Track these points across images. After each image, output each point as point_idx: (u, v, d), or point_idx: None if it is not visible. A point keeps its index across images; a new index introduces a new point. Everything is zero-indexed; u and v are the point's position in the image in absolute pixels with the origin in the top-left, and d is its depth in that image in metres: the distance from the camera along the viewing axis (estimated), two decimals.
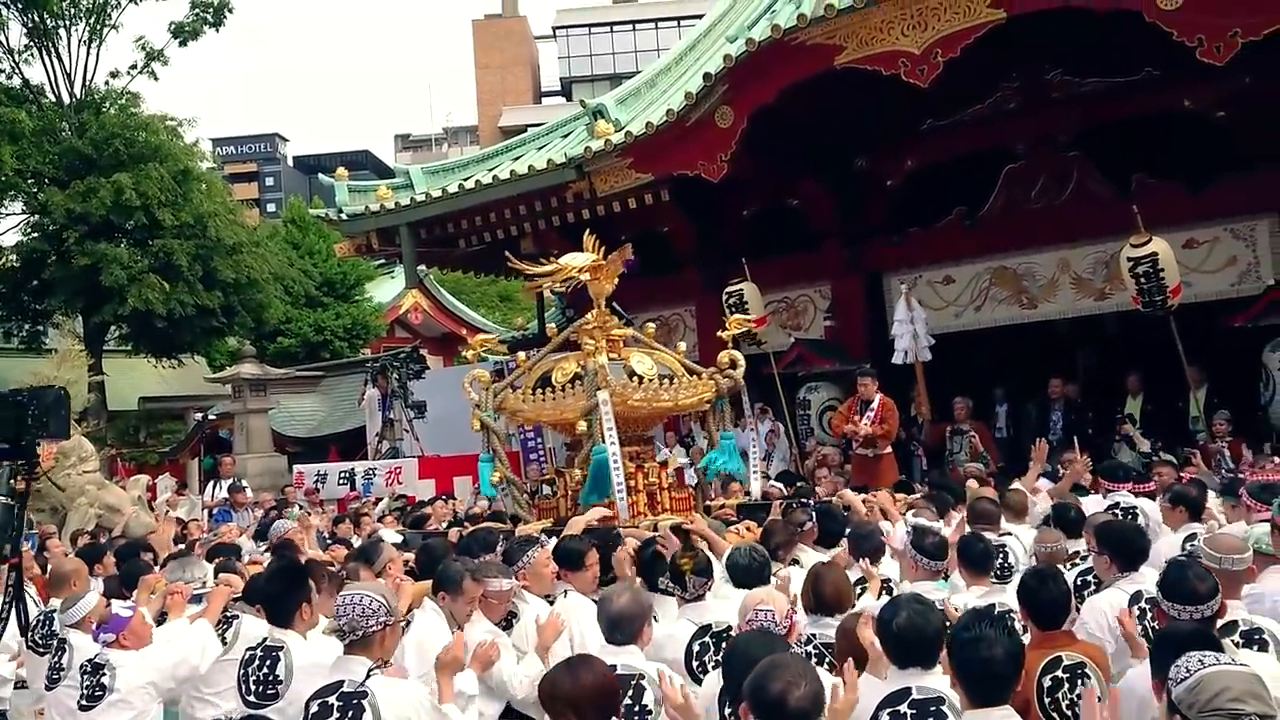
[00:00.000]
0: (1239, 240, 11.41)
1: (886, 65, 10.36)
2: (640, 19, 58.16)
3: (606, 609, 3.99)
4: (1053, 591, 4.02)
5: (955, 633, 3.17)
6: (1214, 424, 10.40)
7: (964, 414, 12.19)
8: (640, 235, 14.70)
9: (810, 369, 13.30)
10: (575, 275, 7.12)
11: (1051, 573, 4.15)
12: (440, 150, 66.04)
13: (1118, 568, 4.72)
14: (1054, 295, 12.61)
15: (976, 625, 3.10)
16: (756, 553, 4.96)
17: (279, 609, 4.56)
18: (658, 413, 7.52)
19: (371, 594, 3.97)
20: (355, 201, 15.67)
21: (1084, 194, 12.24)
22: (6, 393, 2.71)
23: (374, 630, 3.87)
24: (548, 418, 7.45)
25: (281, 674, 4.34)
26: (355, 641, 3.87)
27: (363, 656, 3.85)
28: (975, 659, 3.03)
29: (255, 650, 4.47)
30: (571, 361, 7.19)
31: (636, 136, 12.34)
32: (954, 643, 3.14)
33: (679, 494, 7.28)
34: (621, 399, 6.81)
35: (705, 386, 7.36)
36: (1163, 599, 3.76)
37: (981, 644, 3.03)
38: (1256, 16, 8.68)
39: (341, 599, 3.97)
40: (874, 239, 13.66)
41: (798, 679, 2.70)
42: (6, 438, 2.66)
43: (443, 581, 4.68)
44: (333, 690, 3.74)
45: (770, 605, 3.88)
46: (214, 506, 13.63)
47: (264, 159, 73.73)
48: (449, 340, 32.87)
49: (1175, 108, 11.30)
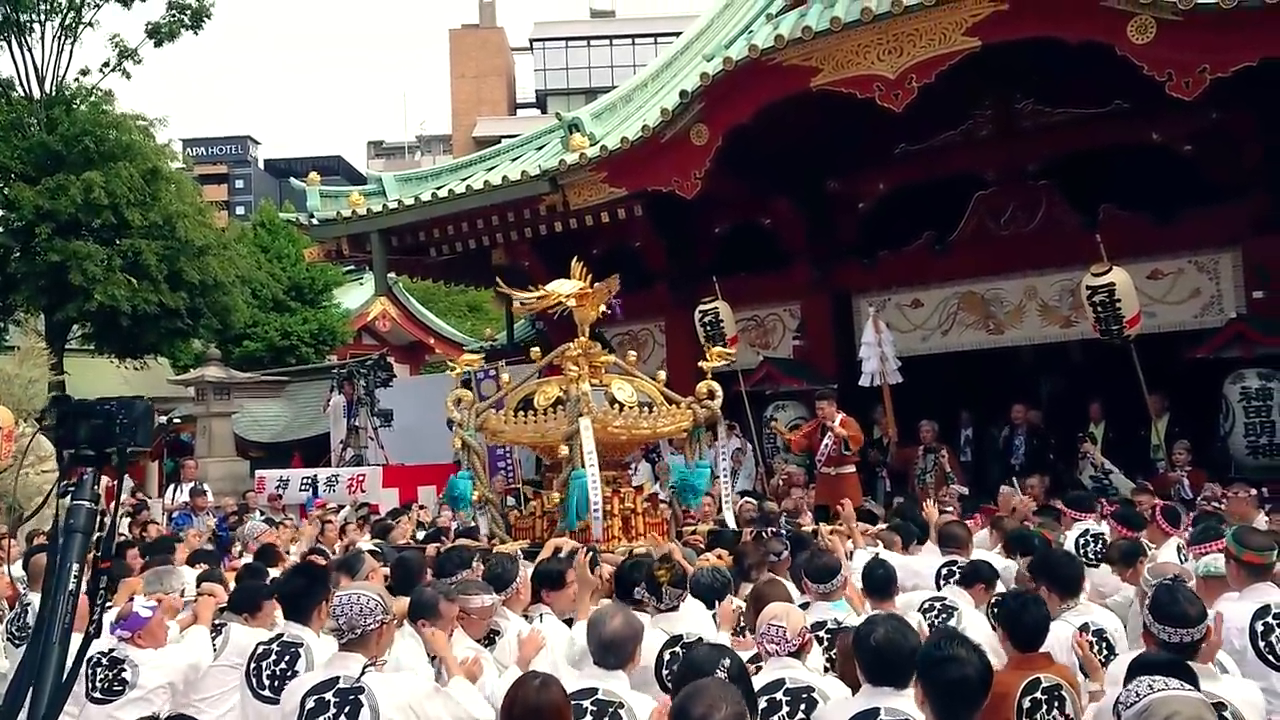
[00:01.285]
0: (1203, 272, 11.57)
1: (861, 89, 10.44)
2: (618, 34, 58.36)
3: (598, 631, 3.94)
4: (1033, 614, 4.06)
5: (925, 652, 3.20)
6: (1174, 453, 10.52)
7: (930, 436, 12.27)
8: (612, 250, 14.78)
9: (778, 387, 13.35)
10: (562, 302, 7.28)
11: (1032, 596, 4.20)
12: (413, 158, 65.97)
13: (1058, 597, 4.77)
14: (1020, 321, 12.74)
15: (947, 645, 3.12)
16: (719, 573, 5.11)
17: (298, 606, 4.66)
18: (637, 440, 7.71)
19: (368, 593, 4.05)
20: (327, 207, 15.58)
21: (1052, 222, 12.39)
22: (94, 401, 2.77)
23: (371, 628, 3.94)
24: (529, 440, 7.56)
25: (301, 670, 4.41)
26: (353, 640, 3.94)
27: (358, 654, 3.92)
28: (945, 679, 3.06)
29: (270, 645, 4.55)
30: (554, 386, 7.36)
31: (611, 151, 12.37)
32: (924, 662, 3.16)
33: (653, 519, 7.41)
34: (602, 425, 7.00)
35: (684, 415, 7.59)
36: (1153, 621, 3.79)
37: (952, 664, 3.06)
38: (1225, 54, 8.83)
39: (339, 599, 4.04)
40: (844, 260, 13.75)
41: (719, 703, 2.74)
42: (94, 446, 2.71)
43: (420, 608, 4.64)
44: (328, 686, 3.80)
45: (783, 621, 3.91)
46: (174, 510, 13.48)
47: (235, 161, 73.31)
48: (417, 349, 32.73)
49: (1144, 140, 11.46)
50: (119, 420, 2.72)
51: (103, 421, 2.72)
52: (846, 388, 12.78)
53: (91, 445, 2.71)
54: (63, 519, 2.61)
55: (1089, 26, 9.28)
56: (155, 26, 21.01)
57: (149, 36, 21.05)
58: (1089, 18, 9.23)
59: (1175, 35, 8.91)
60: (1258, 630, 4.46)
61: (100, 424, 2.73)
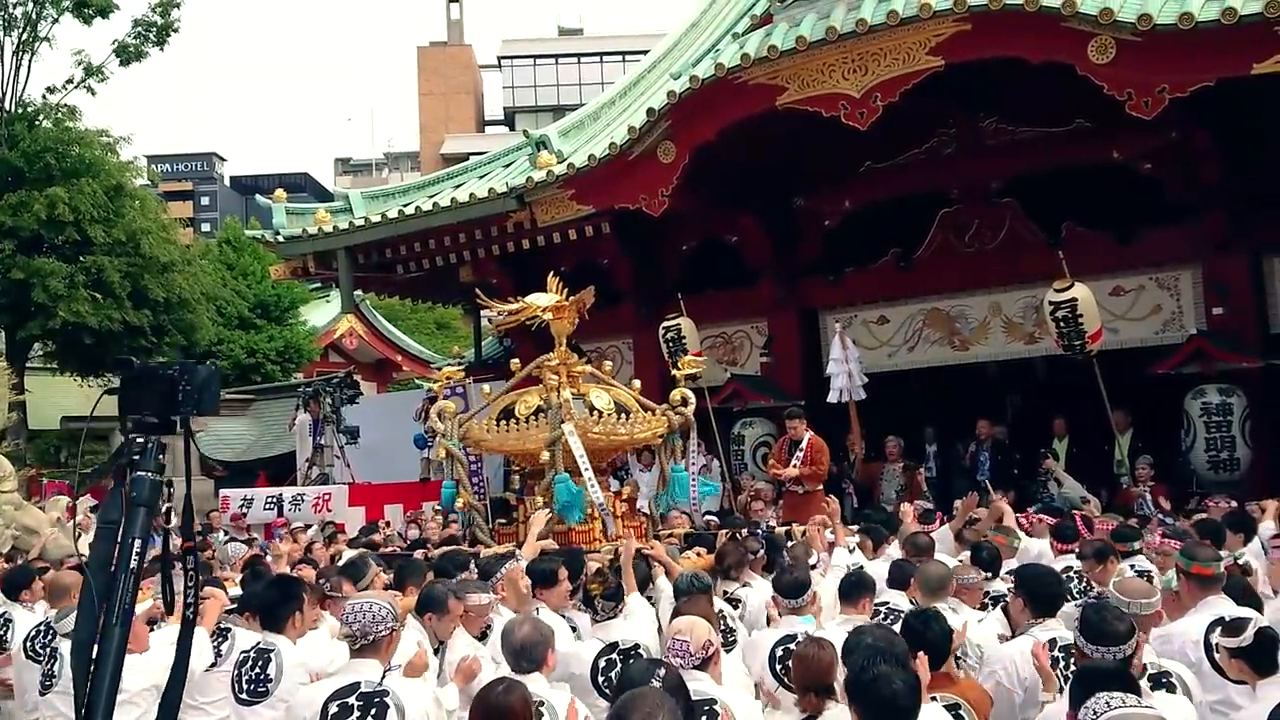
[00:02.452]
0: (1163, 289, 11.70)
1: (827, 107, 10.52)
2: (585, 52, 58.56)
3: (510, 640, 4.16)
4: (935, 632, 4.08)
5: (855, 672, 3.25)
6: (1137, 468, 10.64)
7: (896, 453, 12.36)
8: (580, 267, 14.76)
9: (746, 404, 13.37)
10: (539, 315, 7.56)
11: (934, 613, 4.21)
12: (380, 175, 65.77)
13: (1031, 612, 4.78)
14: (985, 338, 12.83)
15: (874, 663, 3.19)
16: (698, 579, 5.32)
17: (273, 615, 4.93)
18: (615, 445, 7.93)
19: (378, 601, 4.25)
20: (293, 224, 15.50)
21: (1016, 240, 12.50)
22: (156, 366, 2.67)
23: (383, 635, 4.11)
24: (511, 447, 7.80)
25: (272, 674, 4.69)
26: (366, 646, 4.08)
27: (374, 660, 4.06)
28: (877, 697, 3.11)
29: (249, 653, 4.83)
30: (534, 395, 7.54)
31: (578, 168, 12.38)
32: (854, 682, 3.22)
33: (632, 522, 7.69)
34: (582, 431, 7.20)
35: (659, 421, 7.79)
36: (1083, 641, 3.81)
37: (881, 681, 3.11)
38: (1183, 74, 8.96)
39: (351, 607, 4.20)
40: (810, 277, 13.82)
41: (655, 710, 2.77)
42: (157, 412, 2.60)
43: (430, 602, 4.95)
44: (350, 691, 3.91)
45: (687, 636, 3.98)
46: None
47: (200, 178, 72.84)
48: (384, 366, 32.57)
49: (1105, 158, 11.58)
50: (183, 385, 2.65)
51: (166, 387, 2.65)
52: (814, 404, 12.82)
53: (155, 412, 2.63)
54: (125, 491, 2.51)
55: (1050, 47, 9.39)
56: (123, 46, 20.84)
57: (116, 56, 20.87)
58: (1050, 38, 9.34)
59: (1135, 56, 9.03)
60: (1212, 643, 4.48)
61: (164, 390, 2.65)
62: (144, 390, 2.64)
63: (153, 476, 2.57)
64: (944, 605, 5.14)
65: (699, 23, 16.34)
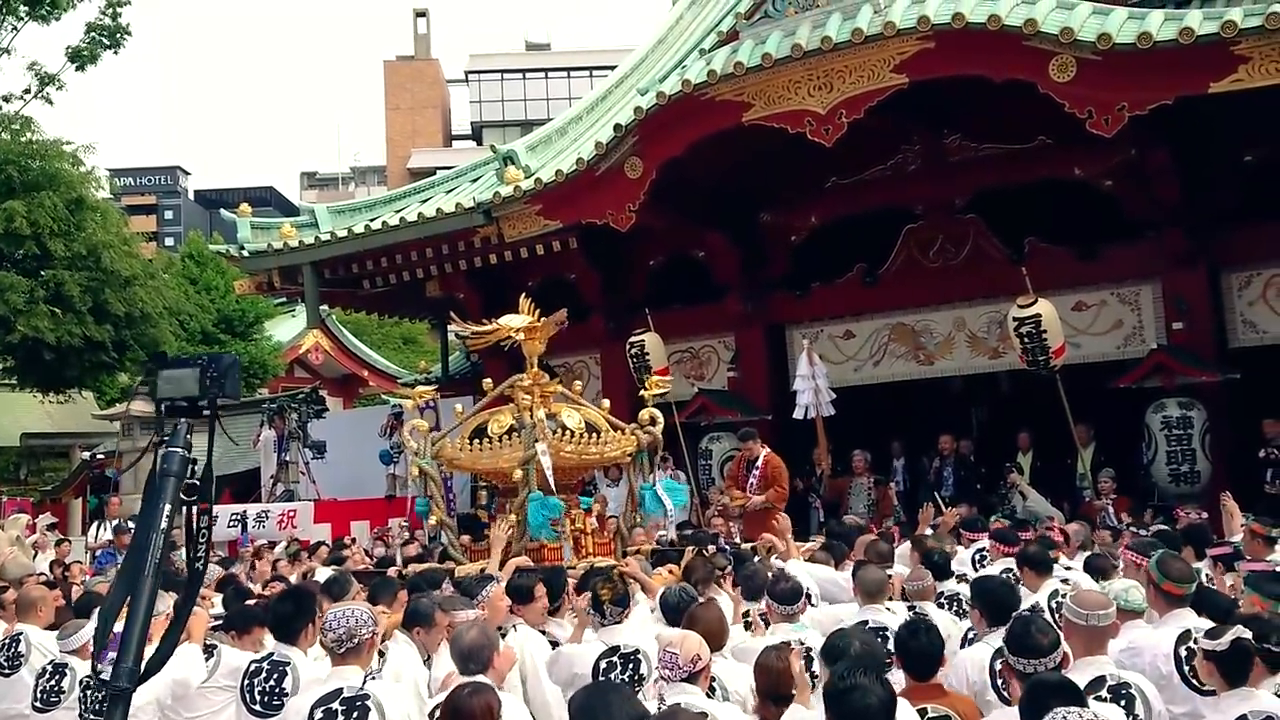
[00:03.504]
0: (1125, 304, 11.85)
1: (792, 123, 10.59)
2: (553, 67, 58.67)
3: (458, 644, 4.25)
4: (923, 643, 4.11)
5: (832, 683, 3.30)
6: (1100, 482, 10.76)
7: (863, 467, 12.42)
8: (547, 282, 14.78)
9: (713, 419, 13.40)
10: (512, 335, 7.74)
11: (925, 624, 4.24)
12: (347, 190, 65.53)
13: (987, 622, 4.88)
14: (950, 352, 12.93)
15: (851, 674, 3.24)
16: (686, 593, 5.40)
17: (288, 628, 4.96)
18: (586, 464, 8.14)
19: (356, 607, 4.41)
20: (258, 239, 15.39)
21: (979, 255, 12.62)
22: (185, 356, 3.12)
23: (366, 637, 4.24)
24: (483, 466, 7.92)
25: (288, 687, 4.72)
26: (350, 650, 4.20)
27: (355, 665, 4.20)
28: (851, 707, 3.16)
29: (261, 663, 4.83)
30: (506, 414, 7.71)
31: (546, 184, 12.39)
32: (830, 692, 3.27)
33: (601, 539, 7.95)
34: (555, 451, 7.39)
35: (628, 440, 8.01)
36: (1009, 654, 3.84)
37: (856, 692, 3.16)
38: (1141, 92, 9.11)
39: (332, 615, 4.30)
40: (777, 292, 13.88)
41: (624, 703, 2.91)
42: (186, 396, 2.97)
43: (416, 616, 5.09)
44: (334, 697, 4.03)
45: (677, 648, 4.04)
46: (98, 549, 13.15)
47: (164, 192, 72.25)
48: (350, 381, 32.41)
49: (1066, 175, 11.73)
50: (210, 373, 2.98)
51: (194, 374, 2.99)
52: (780, 419, 12.88)
53: (185, 397, 2.97)
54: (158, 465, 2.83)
55: (1012, 65, 9.52)
56: (76, 50, 20.56)
57: (70, 60, 20.58)
58: (1012, 57, 9.47)
59: (1095, 74, 9.17)
60: (1181, 655, 4.52)
61: (192, 377, 2.99)
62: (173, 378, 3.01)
63: (182, 452, 2.88)
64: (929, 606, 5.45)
65: (666, 39, 16.43)
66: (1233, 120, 10.28)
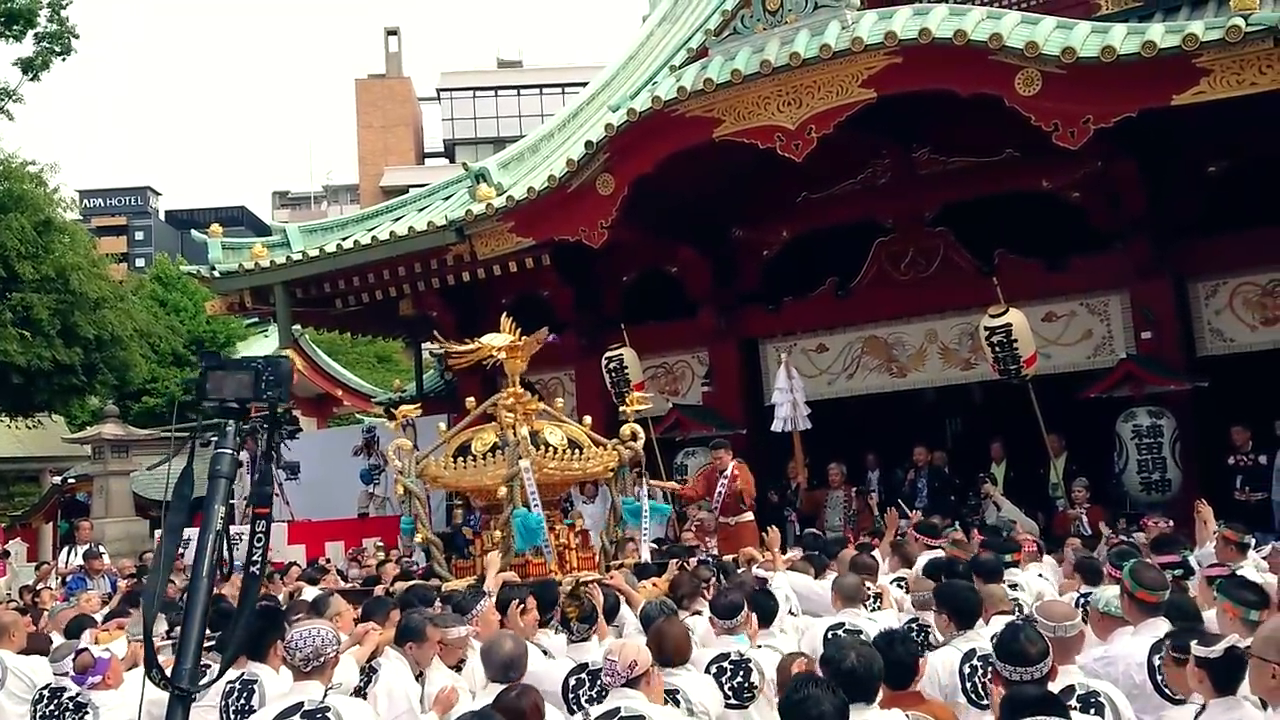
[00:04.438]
0: (1094, 315, 11.95)
1: (763, 139, 10.65)
2: (525, 84, 58.76)
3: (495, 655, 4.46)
4: (899, 653, 4.15)
5: (786, 695, 3.42)
6: (1072, 491, 10.82)
7: (839, 479, 12.43)
8: (520, 299, 14.78)
9: (688, 434, 13.40)
10: (494, 354, 7.94)
11: (901, 635, 4.30)
12: (320, 208, 65.29)
13: (955, 626, 5.04)
14: (922, 364, 13.00)
15: (805, 687, 3.35)
16: (666, 606, 5.63)
17: (257, 645, 5.05)
18: (569, 479, 8.40)
19: (320, 626, 4.53)
20: (229, 259, 15.31)
21: (950, 267, 12.70)
22: (242, 359, 3.15)
23: (330, 655, 4.39)
24: (468, 483, 8.04)
25: (256, 704, 4.81)
26: (315, 668, 4.34)
27: (316, 681, 4.32)
28: (805, 716, 3.25)
29: (234, 683, 4.94)
30: (489, 432, 7.89)
31: (518, 201, 12.39)
32: (785, 703, 3.38)
33: (585, 553, 8.10)
34: (539, 467, 7.57)
35: (610, 456, 8.21)
36: (997, 661, 3.87)
37: (809, 703, 3.26)
38: (1106, 105, 9.20)
39: (296, 634, 4.43)
40: (750, 307, 13.92)
41: None
42: (239, 398, 3.00)
43: (409, 632, 5.17)
44: (295, 710, 4.13)
45: (616, 655, 4.21)
46: (69, 574, 12.98)
47: (135, 212, 71.72)
48: (324, 401, 32.16)
49: (1034, 187, 11.83)
50: (265, 376, 3.00)
51: (249, 377, 3.00)
52: (755, 432, 12.91)
53: (237, 399, 2.97)
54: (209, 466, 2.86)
55: (978, 79, 9.60)
56: (28, 61, 20.30)
57: (23, 71, 20.36)
58: (979, 71, 9.56)
59: (1060, 87, 9.26)
60: (1155, 664, 4.54)
61: (246, 379, 3.00)
62: (226, 379, 3.02)
63: (231, 454, 2.91)
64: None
65: (637, 56, 16.50)
66: (1197, 132, 10.41)
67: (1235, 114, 9.20)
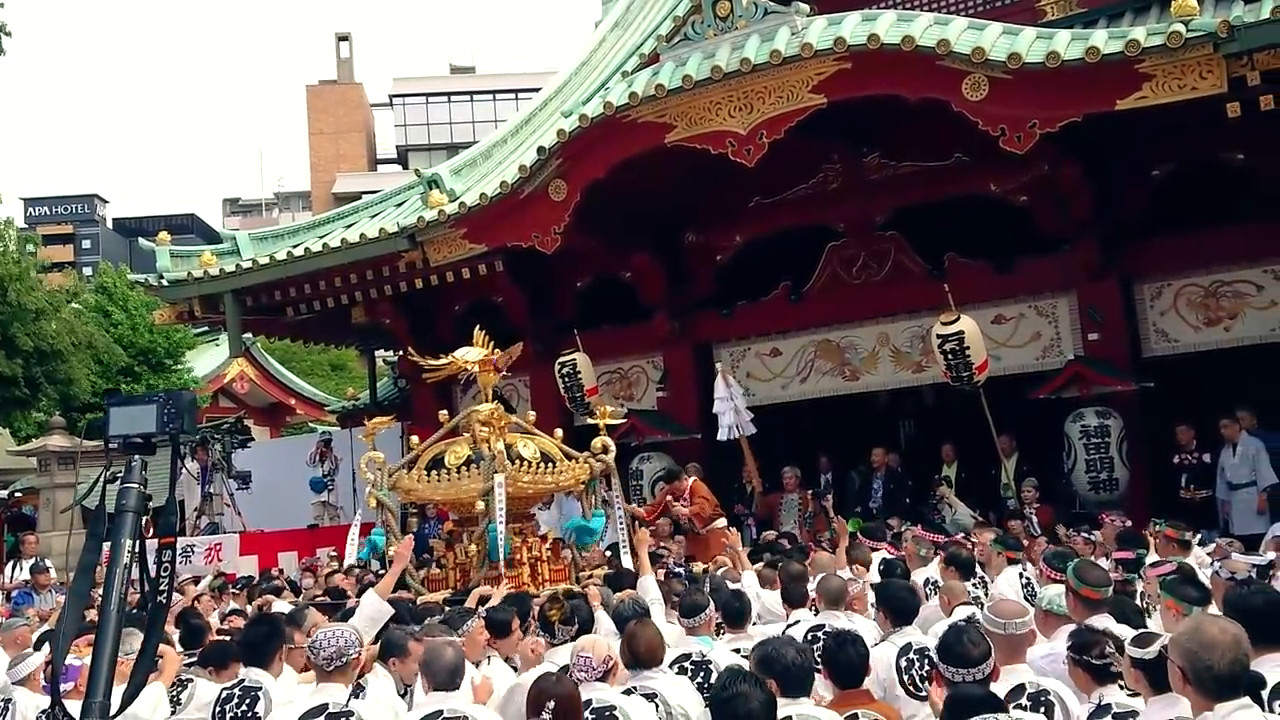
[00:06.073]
0: (1042, 317, 12.09)
1: (714, 144, 10.69)
2: (478, 90, 58.60)
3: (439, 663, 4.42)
4: (849, 653, 4.21)
5: (714, 693, 3.49)
6: (1023, 491, 10.94)
7: (794, 483, 12.49)
8: (473, 305, 14.71)
9: (643, 439, 13.40)
10: (466, 368, 8.07)
11: (850, 636, 4.34)
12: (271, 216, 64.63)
13: (892, 623, 5.25)
14: (874, 367, 13.08)
15: (733, 683, 3.40)
16: (639, 605, 5.74)
17: (259, 651, 5.08)
18: (541, 492, 8.52)
19: (343, 628, 4.61)
20: (178, 267, 15.12)
21: (900, 271, 12.80)
22: (144, 394, 3.18)
23: (353, 656, 4.46)
24: (442, 497, 8.16)
25: (261, 711, 4.80)
26: (337, 669, 4.38)
27: (340, 683, 4.37)
28: (734, 713, 3.30)
29: (233, 689, 4.92)
30: (463, 445, 7.91)
31: (470, 207, 12.35)
32: (714, 701, 3.45)
33: (557, 565, 8.15)
34: (513, 480, 7.65)
35: (581, 469, 8.36)
36: (940, 663, 3.91)
37: (739, 699, 3.31)
38: (1052, 110, 9.34)
39: (320, 635, 4.50)
40: (704, 311, 13.95)
41: None
42: (142, 433, 2.98)
43: (390, 648, 5.19)
44: (319, 712, 4.16)
45: (589, 652, 4.40)
46: (14, 589, 12.75)
47: (82, 220, 70.49)
48: (278, 410, 31.90)
49: (982, 191, 11.95)
50: (167, 409, 2.98)
51: (152, 411, 2.99)
52: (710, 438, 12.92)
53: (140, 434, 2.96)
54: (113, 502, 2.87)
55: (926, 84, 9.71)
56: None
57: None
58: (927, 76, 9.67)
59: (1006, 93, 9.39)
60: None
61: (149, 413, 2.98)
62: (127, 415, 3.02)
63: (139, 488, 2.89)
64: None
65: (589, 61, 16.49)
66: (1141, 136, 10.59)
67: (1177, 118, 9.37)
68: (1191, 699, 3.25)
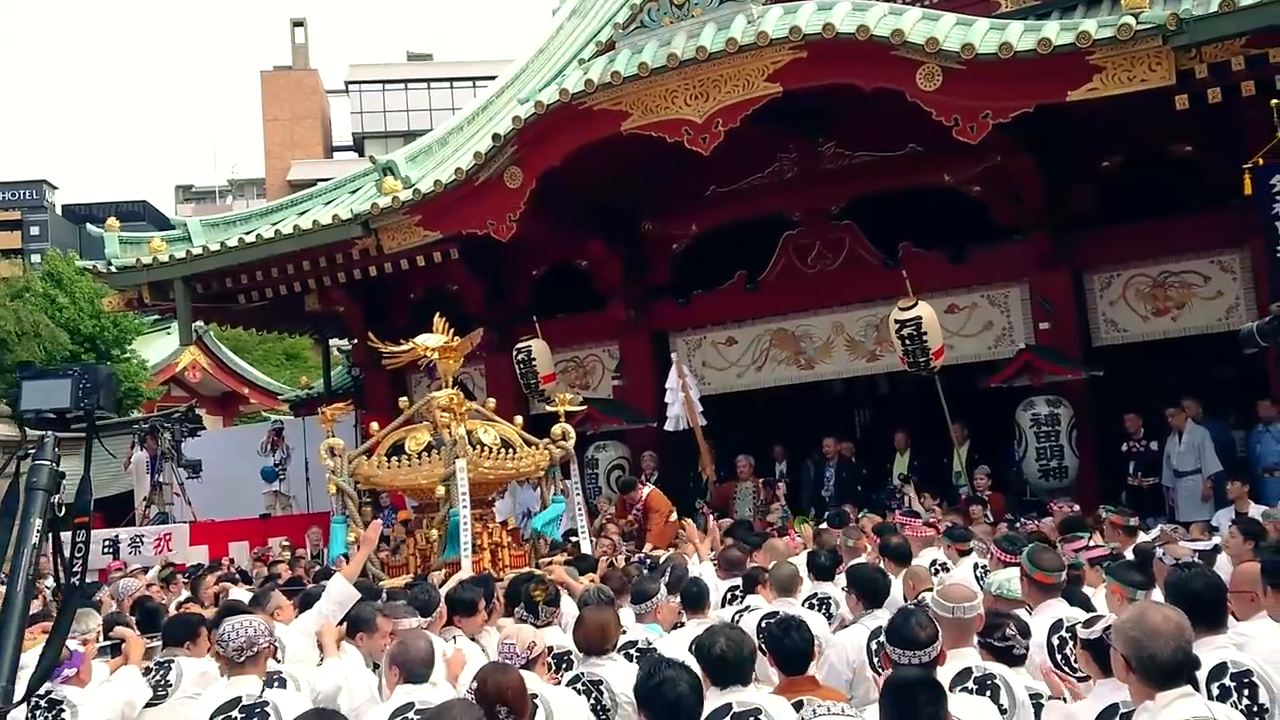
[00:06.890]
0: (994, 306, 12.20)
1: (670, 132, 10.68)
2: (435, 77, 58.22)
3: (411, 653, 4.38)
4: (794, 639, 4.20)
5: (640, 682, 3.49)
6: (975, 478, 11.05)
7: (748, 471, 12.54)
8: (429, 293, 14.62)
9: (599, 428, 13.40)
10: (427, 355, 8.07)
11: (795, 622, 4.34)
12: (225, 203, 63.91)
13: (863, 606, 5.34)
14: (829, 356, 13.14)
15: (659, 670, 3.41)
16: (604, 594, 5.78)
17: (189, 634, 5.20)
18: (502, 478, 8.55)
19: (250, 620, 4.57)
20: (127, 253, 14.88)
21: (855, 260, 12.85)
22: (59, 367, 3.01)
23: (263, 647, 4.45)
24: (402, 483, 8.17)
25: (172, 679, 4.91)
26: (248, 660, 4.39)
27: (252, 675, 4.37)
28: (664, 700, 3.33)
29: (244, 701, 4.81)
30: (423, 431, 7.96)
31: (425, 194, 12.25)
32: (640, 689, 3.46)
33: (517, 551, 8.24)
34: (474, 466, 7.69)
35: (541, 455, 8.49)
36: (888, 644, 3.94)
37: (667, 685, 3.34)
38: (1004, 100, 9.41)
39: (228, 627, 4.46)
40: (660, 300, 13.95)
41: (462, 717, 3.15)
42: (55, 408, 2.84)
43: (358, 623, 5.28)
44: (232, 705, 4.15)
45: (514, 639, 4.45)
46: None
47: (30, 206, 69.18)
48: (230, 399, 31.52)
49: (936, 181, 12.01)
50: (82, 384, 2.87)
51: (66, 385, 2.87)
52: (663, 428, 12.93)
53: (54, 410, 2.86)
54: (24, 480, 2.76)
55: (881, 74, 9.75)
56: None
57: None
58: (881, 66, 9.70)
59: (960, 83, 9.44)
60: (1054, 644, 4.65)
61: (63, 388, 2.87)
62: (41, 389, 2.91)
63: (50, 466, 2.79)
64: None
65: (547, 49, 16.43)
66: (1091, 127, 10.70)
67: (1127, 110, 9.49)
68: (1133, 687, 3.25)
